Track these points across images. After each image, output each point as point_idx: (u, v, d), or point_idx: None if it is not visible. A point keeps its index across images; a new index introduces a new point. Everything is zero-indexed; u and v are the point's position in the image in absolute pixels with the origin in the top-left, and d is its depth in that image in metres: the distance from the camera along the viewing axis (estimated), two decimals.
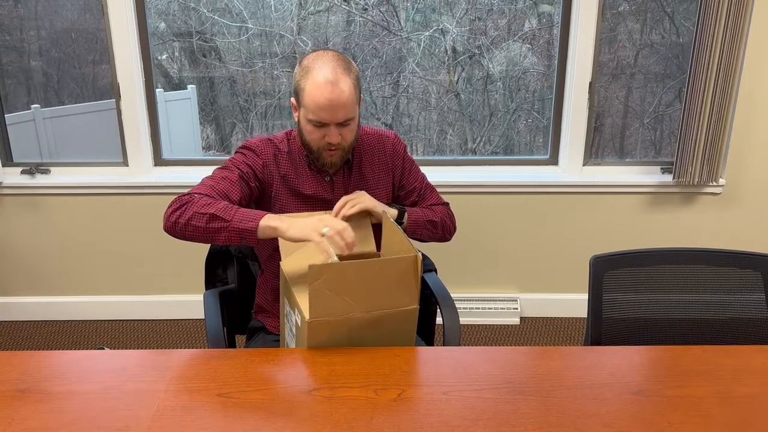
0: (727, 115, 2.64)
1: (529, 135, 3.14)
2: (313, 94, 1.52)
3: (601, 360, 1.33)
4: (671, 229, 2.92)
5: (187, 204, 1.51)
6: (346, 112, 1.54)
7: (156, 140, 2.90)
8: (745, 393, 1.22)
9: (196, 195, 1.53)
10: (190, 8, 2.89)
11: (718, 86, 2.59)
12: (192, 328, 2.99)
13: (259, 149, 1.66)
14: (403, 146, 1.79)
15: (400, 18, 2.90)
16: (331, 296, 1.33)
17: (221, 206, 1.48)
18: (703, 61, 2.56)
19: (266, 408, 1.18)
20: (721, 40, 2.52)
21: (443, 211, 1.80)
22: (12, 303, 3.06)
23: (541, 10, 2.90)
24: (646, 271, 1.56)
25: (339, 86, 1.51)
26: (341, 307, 1.34)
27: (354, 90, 1.54)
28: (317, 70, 1.52)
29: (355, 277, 1.33)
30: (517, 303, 3.01)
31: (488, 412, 1.16)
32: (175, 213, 1.50)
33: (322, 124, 1.55)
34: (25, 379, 1.27)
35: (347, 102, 1.53)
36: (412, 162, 1.81)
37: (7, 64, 2.90)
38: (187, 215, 1.48)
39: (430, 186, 1.84)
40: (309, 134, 1.59)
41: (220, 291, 1.79)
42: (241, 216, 1.46)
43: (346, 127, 1.57)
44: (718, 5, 2.47)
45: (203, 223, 1.47)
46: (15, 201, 2.90)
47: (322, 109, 1.52)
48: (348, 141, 1.60)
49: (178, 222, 1.49)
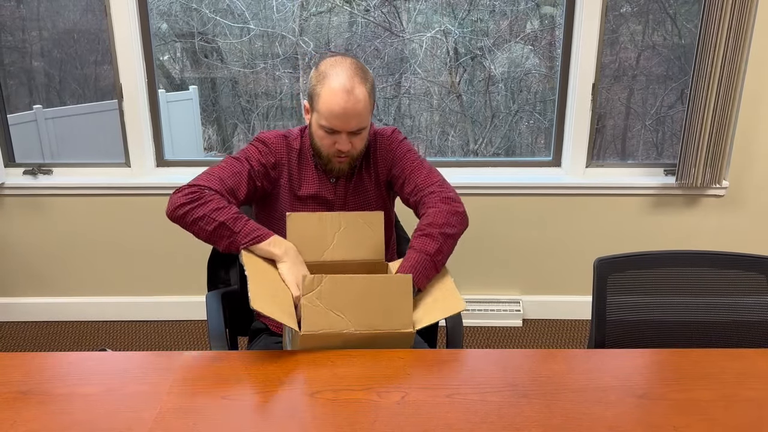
0: (731, 117, 2.64)
1: (530, 136, 3.14)
2: (328, 101, 1.51)
3: (605, 363, 1.32)
4: (674, 231, 2.92)
5: (199, 202, 1.49)
6: (359, 121, 1.53)
7: (158, 141, 2.90)
8: (750, 396, 1.22)
9: (207, 191, 1.51)
10: (192, 9, 2.89)
11: (721, 88, 2.58)
12: (194, 330, 2.99)
13: (273, 145, 1.66)
14: (397, 139, 1.72)
15: (402, 19, 2.90)
16: (324, 310, 1.33)
17: (231, 215, 1.48)
18: (707, 63, 2.56)
19: (269, 410, 1.17)
20: (724, 41, 2.52)
21: (446, 214, 1.58)
22: (14, 303, 3.06)
23: (543, 11, 2.90)
24: (651, 273, 1.56)
25: (354, 95, 1.50)
26: (334, 323, 1.34)
27: (369, 99, 1.54)
28: (334, 76, 1.51)
29: (348, 291, 1.34)
30: (520, 305, 3.01)
31: (492, 415, 1.16)
32: (184, 207, 1.49)
33: (334, 131, 1.55)
34: (27, 380, 1.26)
35: (361, 111, 1.52)
36: (407, 150, 1.71)
37: (9, 65, 2.90)
38: (197, 214, 1.48)
39: (430, 179, 1.66)
40: (320, 140, 1.58)
41: (222, 292, 1.79)
42: (247, 231, 1.48)
43: (357, 135, 1.57)
44: (722, 7, 2.47)
45: (210, 228, 1.48)
46: (17, 201, 2.90)
47: (336, 117, 1.51)
48: (358, 149, 1.60)
49: (186, 217, 1.49)
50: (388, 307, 1.36)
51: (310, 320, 1.33)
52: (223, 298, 1.76)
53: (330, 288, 1.33)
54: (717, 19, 2.49)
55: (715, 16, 2.49)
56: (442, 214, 1.58)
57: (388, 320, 1.36)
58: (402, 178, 1.69)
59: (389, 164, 1.72)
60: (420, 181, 1.67)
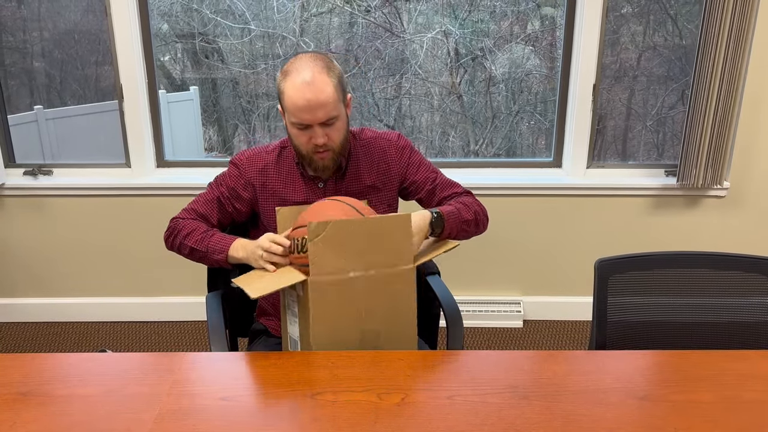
0: (732, 118, 2.63)
1: (531, 137, 3.14)
2: (291, 96, 1.51)
3: (606, 364, 1.32)
4: (675, 232, 2.91)
5: (175, 232, 1.68)
6: (327, 111, 1.52)
7: (158, 141, 2.90)
8: (751, 398, 1.21)
9: (180, 221, 1.69)
10: (192, 9, 2.89)
11: (722, 88, 2.58)
12: (194, 331, 2.99)
13: (244, 166, 1.69)
14: (407, 144, 1.76)
15: (403, 20, 2.90)
16: (330, 254, 1.36)
17: (198, 237, 1.64)
18: (707, 64, 2.55)
19: (269, 412, 1.17)
20: (725, 41, 2.51)
21: (472, 202, 1.71)
22: (14, 304, 3.06)
23: (544, 12, 2.90)
24: (652, 274, 1.55)
25: (316, 86, 1.50)
26: (341, 266, 1.38)
27: (335, 89, 1.53)
28: (295, 72, 1.52)
29: (352, 234, 1.38)
30: (521, 306, 3.00)
31: (492, 417, 1.15)
32: (168, 240, 1.70)
33: (306, 126, 1.54)
34: (27, 381, 1.26)
35: (327, 101, 1.51)
36: (419, 157, 1.77)
37: (10, 65, 2.90)
38: (176, 244, 1.67)
39: (447, 179, 1.78)
40: (296, 138, 1.58)
41: (222, 293, 1.79)
42: (213, 247, 1.61)
43: (330, 126, 1.55)
44: (723, 7, 2.47)
45: (188, 253, 1.66)
46: (17, 202, 2.90)
47: (302, 110, 1.51)
48: (336, 141, 1.58)
49: (174, 248, 1.70)
50: (388, 246, 1.41)
51: (318, 265, 1.36)
52: (223, 299, 1.76)
53: (334, 232, 1.36)
54: (718, 20, 2.49)
55: (716, 16, 2.49)
56: (478, 204, 1.73)
57: (390, 258, 1.42)
58: (417, 184, 1.76)
59: (404, 169, 1.74)
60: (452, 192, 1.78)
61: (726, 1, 2.46)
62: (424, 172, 1.75)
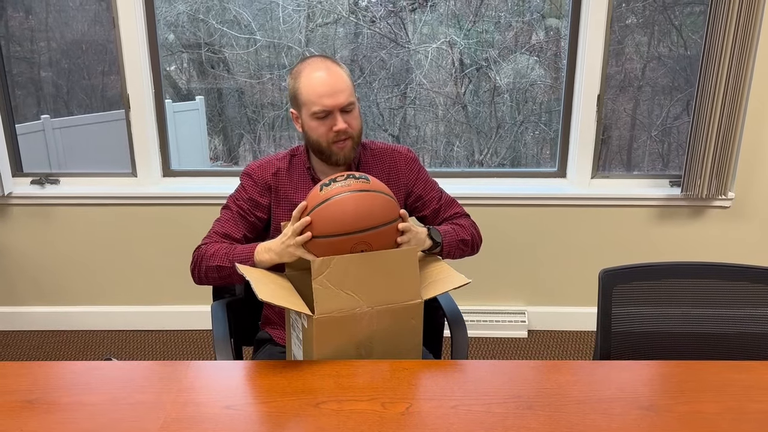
0: (737, 128, 2.63)
1: (536, 147, 3.14)
2: (311, 84, 1.56)
3: (610, 374, 1.32)
4: (680, 242, 2.91)
5: (198, 259, 1.62)
6: (347, 95, 1.57)
7: (164, 151, 2.92)
8: (756, 409, 1.21)
9: (202, 247, 1.63)
10: (199, 20, 2.92)
11: (727, 98, 2.58)
12: (199, 339, 2.99)
13: (256, 174, 1.70)
14: (416, 159, 1.79)
15: (408, 30, 2.91)
16: (336, 291, 1.35)
17: (222, 254, 1.57)
18: (712, 74, 2.56)
19: (273, 420, 1.17)
20: (730, 52, 2.52)
21: (469, 224, 1.78)
22: (20, 312, 3.07)
23: (549, 23, 2.91)
24: (656, 285, 1.55)
25: (333, 71, 1.57)
26: (346, 303, 1.36)
27: (349, 78, 1.59)
28: (309, 68, 1.58)
29: (357, 270, 1.36)
30: (525, 316, 3.00)
31: (497, 427, 1.15)
32: (194, 272, 1.63)
33: (327, 114, 1.57)
34: (34, 389, 1.27)
35: (345, 86, 1.57)
36: (426, 174, 1.81)
37: (17, 75, 2.92)
38: (203, 271, 1.60)
39: (450, 197, 1.83)
40: (316, 130, 1.60)
41: (227, 302, 1.79)
42: (238, 258, 1.55)
43: (349, 113, 1.59)
44: (727, 17, 2.47)
45: (216, 275, 1.59)
46: (24, 211, 2.91)
47: (323, 96, 1.55)
48: (355, 129, 1.61)
49: (201, 278, 1.63)
50: (395, 281, 1.39)
51: (323, 303, 1.34)
52: (228, 308, 1.77)
53: (339, 269, 1.35)
54: (722, 30, 2.49)
55: (720, 27, 2.49)
56: (475, 227, 1.78)
57: (397, 294, 1.39)
58: (424, 200, 1.78)
59: (412, 183, 1.76)
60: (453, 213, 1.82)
61: (730, 12, 2.47)
62: (430, 190, 1.79)
